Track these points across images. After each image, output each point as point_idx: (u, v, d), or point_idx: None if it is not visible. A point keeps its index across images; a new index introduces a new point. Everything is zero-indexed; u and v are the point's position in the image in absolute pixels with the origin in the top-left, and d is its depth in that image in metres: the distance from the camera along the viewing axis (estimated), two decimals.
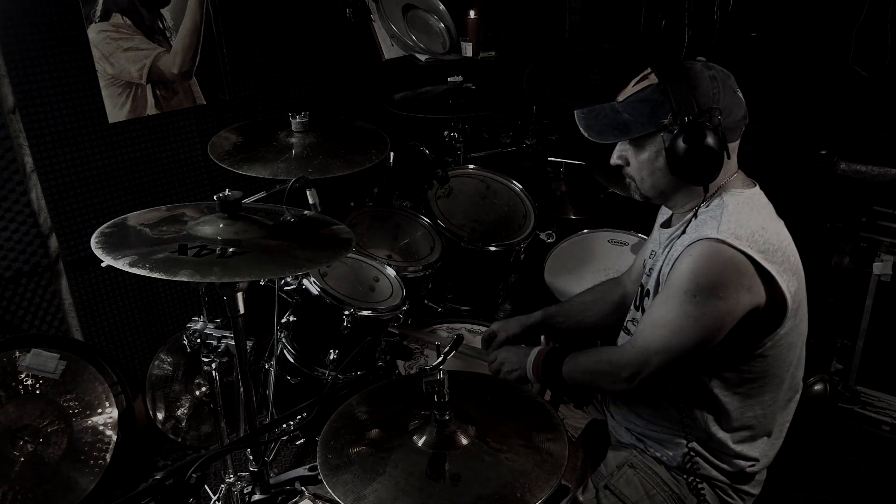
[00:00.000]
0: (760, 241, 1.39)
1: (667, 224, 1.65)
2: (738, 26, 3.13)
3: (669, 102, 1.41)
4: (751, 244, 1.37)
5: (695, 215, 1.49)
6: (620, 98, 1.52)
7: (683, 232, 1.50)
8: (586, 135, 1.52)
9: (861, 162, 2.65)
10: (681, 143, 1.40)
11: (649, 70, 1.48)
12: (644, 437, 1.63)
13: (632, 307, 1.71)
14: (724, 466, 1.54)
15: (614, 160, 1.59)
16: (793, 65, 3.06)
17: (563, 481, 1.62)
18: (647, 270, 1.65)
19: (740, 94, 1.45)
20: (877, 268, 2.50)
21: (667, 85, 1.42)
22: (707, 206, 1.48)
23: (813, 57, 3.01)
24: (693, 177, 1.45)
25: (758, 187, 1.53)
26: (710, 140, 1.38)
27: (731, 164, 1.48)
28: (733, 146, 1.47)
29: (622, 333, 1.73)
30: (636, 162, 1.53)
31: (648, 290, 1.59)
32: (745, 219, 1.41)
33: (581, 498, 1.61)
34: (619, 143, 1.56)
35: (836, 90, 2.96)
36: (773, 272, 1.38)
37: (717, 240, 1.38)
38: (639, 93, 1.48)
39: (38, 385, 2.15)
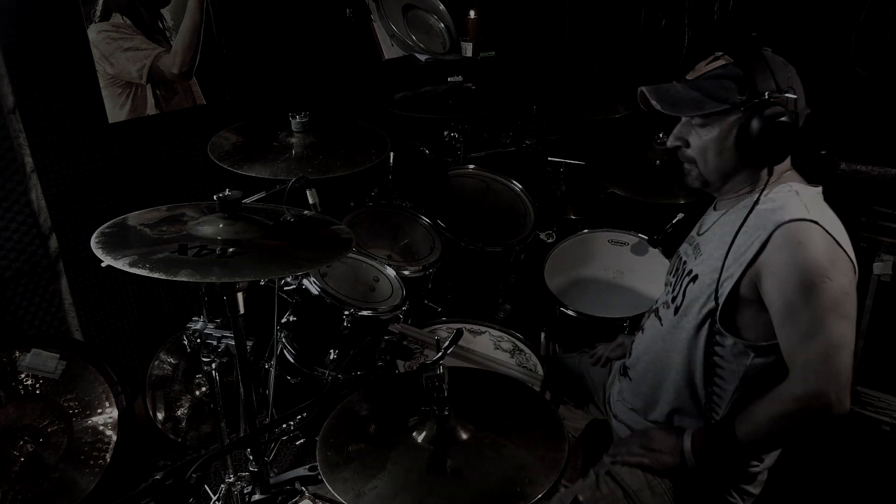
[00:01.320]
0: (843, 233, 1.41)
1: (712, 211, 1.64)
2: (738, 26, 3.13)
3: (748, 80, 1.41)
4: (838, 234, 1.39)
5: (758, 200, 1.44)
6: (690, 77, 1.50)
7: (746, 217, 1.44)
8: (658, 107, 1.48)
9: (861, 162, 2.65)
10: (757, 121, 1.38)
11: (720, 53, 1.48)
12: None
13: (665, 289, 1.69)
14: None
15: (672, 142, 1.56)
16: (793, 65, 3.06)
17: (564, 482, 1.62)
18: (683, 259, 1.64)
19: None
20: (877, 268, 2.50)
21: (745, 64, 1.42)
22: (770, 193, 1.45)
23: (813, 57, 3.01)
24: (765, 157, 1.42)
25: (820, 189, 1.51)
26: (787, 118, 1.37)
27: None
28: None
29: (651, 318, 1.70)
30: (701, 142, 1.50)
31: (691, 270, 1.56)
32: (824, 211, 1.43)
33: (581, 499, 1.61)
34: (681, 124, 1.54)
35: (836, 90, 2.95)
36: (854, 264, 1.39)
37: (811, 222, 1.37)
38: (713, 71, 1.46)
39: (38, 385, 2.15)
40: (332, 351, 2.13)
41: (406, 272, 2.37)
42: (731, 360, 1.49)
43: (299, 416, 2.05)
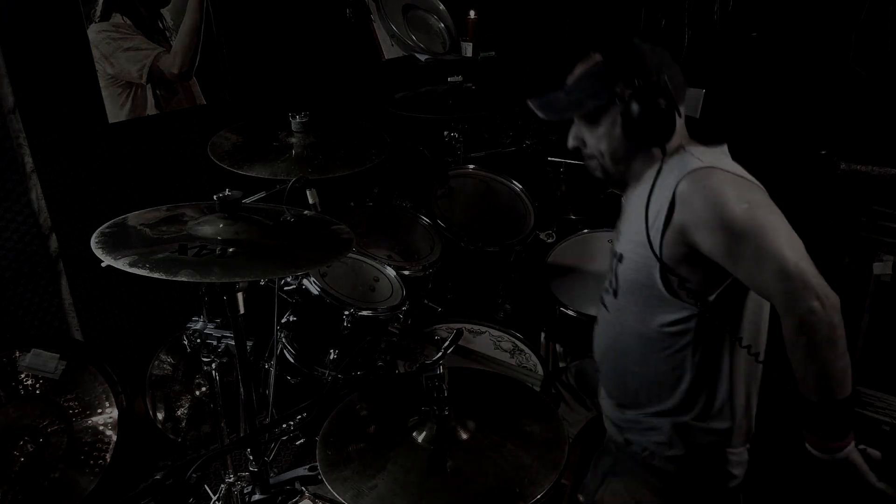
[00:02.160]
0: (742, 171, 1.44)
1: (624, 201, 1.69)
2: (738, 26, 3.13)
3: (618, 72, 1.49)
4: (737, 171, 1.43)
5: (659, 172, 1.48)
6: (569, 81, 1.59)
7: (652, 188, 1.48)
8: (543, 116, 1.57)
9: (861, 162, 2.65)
10: (636, 106, 1.45)
11: (593, 52, 1.56)
12: (627, 429, 1.64)
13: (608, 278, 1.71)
14: (714, 426, 1.54)
15: (571, 143, 1.65)
16: (793, 65, 3.06)
17: (562, 480, 1.62)
18: (612, 247, 1.68)
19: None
20: (877, 268, 2.50)
21: (614, 58, 1.52)
22: (668, 163, 1.50)
23: (813, 57, 3.01)
24: (651, 137, 1.48)
25: (724, 147, 1.54)
26: (662, 99, 1.44)
27: (682, 126, 1.54)
28: (681, 109, 1.53)
29: (600, 309, 1.72)
30: (593, 139, 1.58)
31: (617, 252, 1.62)
32: (721, 159, 1.48)
33: (581, 498, 1.61)
34: (574, 125, 1.63)
35: (836, 90, 2.96)
36: (760, 185, 1.43)
37: (709, 167, 1.42)
38: (588, 70, 1.56)
39: (38, 385, 2.15)
40: (332, 351, 2.13)
41: (406, 272, 2.37)
42: (678, 325, 1.49)
43: (299, 416, 2.05)
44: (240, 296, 1.42)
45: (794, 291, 1.29)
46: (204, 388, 2.52)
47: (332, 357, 2.13)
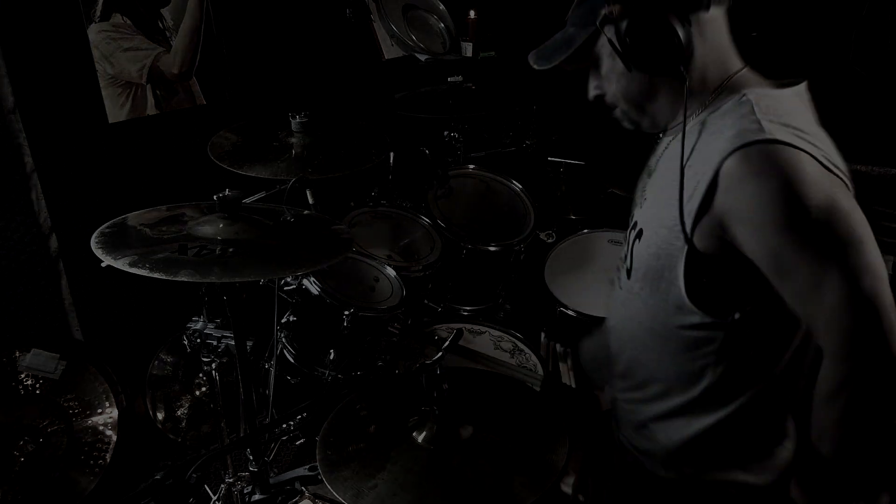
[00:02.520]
0: (822, 141, 1.09)
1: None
2: (738, 26, 3.12)
3: None
4: (812, 144, 1.06)
5: (703, 123, 1.16)
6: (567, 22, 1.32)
7: (694, 145, 1.16)
8: (536, 66, 1.29)
9: (861, 162, 2.65)
10: (624, 27, 1.16)
11: None
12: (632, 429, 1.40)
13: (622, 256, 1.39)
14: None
15: (590, 93, 1.33)
16: (793, 65, 3.06)
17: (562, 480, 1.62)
18: (635, 201, 1.37)
19: None
20: None
21: None
22: (717, 110, 1.18)
23: (813, 57, 3.01)
24: (655, 61, 1.17)
25: (797, 89, 1.21)
26: (656, 16, 1.14)
27: (724, 47, 1.24)
28: (710, 17, 1.20)
29: (614, 280, 1.41)
30: (604, 82, 1.28)
31: (636, 223, 1.30)
32: (796, 120, 1.11)
33: (581, 499, 1.60)
34: (591, 75, 1.32)
35: (837, 90, 2.95)
36: (843, 178, 1.07)
37: (775, 142, 1.04)
38: (578, 2, 1.29)
39: (38, 385, 2.15)
40: (332, 351, 2.13)
41: (406, 272, 2.37)
42: (701, 331, 1.19)
43: (299, 416, 2.04)
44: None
45: (856, 333, 0.99)
46: (204, 388, 2.52)
47: (332, 357, 2.13)
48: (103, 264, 1.31)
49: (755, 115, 1.09)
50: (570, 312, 2.38)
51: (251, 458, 1.47)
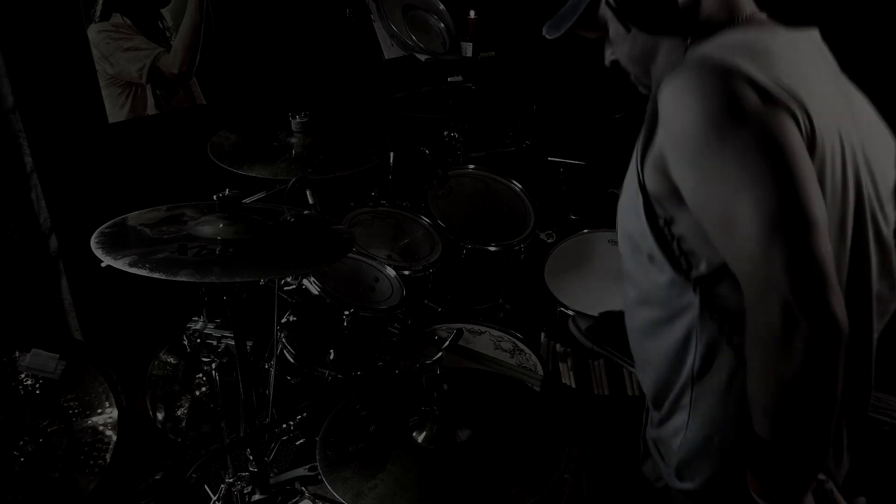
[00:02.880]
0: (781, 73, 0.98)
1: None
2: None
3: None
4: (738, 56, 0.98)
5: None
6: None
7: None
8: (549, 37, 1.26)
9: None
10: None
11: None
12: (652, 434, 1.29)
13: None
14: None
15: (607, 60, 1.27)
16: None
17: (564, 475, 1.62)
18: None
19: None
20: None
21: None
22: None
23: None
24: (651, 19, 1.12)
25: (813, 35, 1.15)
26: None
27: None
28: None
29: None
30: (613, 46, 1.23)
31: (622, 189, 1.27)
32: (753, 44, 1.04)
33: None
34: (605, 42, 1.27)
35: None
36: (786, 103, 0.94)
37: (703, 58, 1.00)
38: None
39: (37, 385, 2.15)
40: (332, 351, 2.13)
41: (406, 272, 2.37)
42: (676, 301, 1.11)
43: (299, 416, 2.04)
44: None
45: (763, 275, 0.87)
46: (204, 388, 2.52)
47: (331, 357, 2.13)
48: (103, 264, 1.31)
49: (724, 46, 1.03)
50: (570, 312, 2.38)
51: (251, 458, 1.47)
